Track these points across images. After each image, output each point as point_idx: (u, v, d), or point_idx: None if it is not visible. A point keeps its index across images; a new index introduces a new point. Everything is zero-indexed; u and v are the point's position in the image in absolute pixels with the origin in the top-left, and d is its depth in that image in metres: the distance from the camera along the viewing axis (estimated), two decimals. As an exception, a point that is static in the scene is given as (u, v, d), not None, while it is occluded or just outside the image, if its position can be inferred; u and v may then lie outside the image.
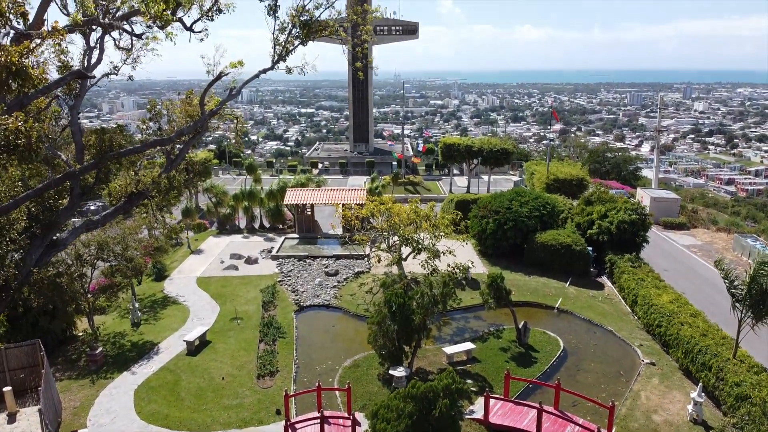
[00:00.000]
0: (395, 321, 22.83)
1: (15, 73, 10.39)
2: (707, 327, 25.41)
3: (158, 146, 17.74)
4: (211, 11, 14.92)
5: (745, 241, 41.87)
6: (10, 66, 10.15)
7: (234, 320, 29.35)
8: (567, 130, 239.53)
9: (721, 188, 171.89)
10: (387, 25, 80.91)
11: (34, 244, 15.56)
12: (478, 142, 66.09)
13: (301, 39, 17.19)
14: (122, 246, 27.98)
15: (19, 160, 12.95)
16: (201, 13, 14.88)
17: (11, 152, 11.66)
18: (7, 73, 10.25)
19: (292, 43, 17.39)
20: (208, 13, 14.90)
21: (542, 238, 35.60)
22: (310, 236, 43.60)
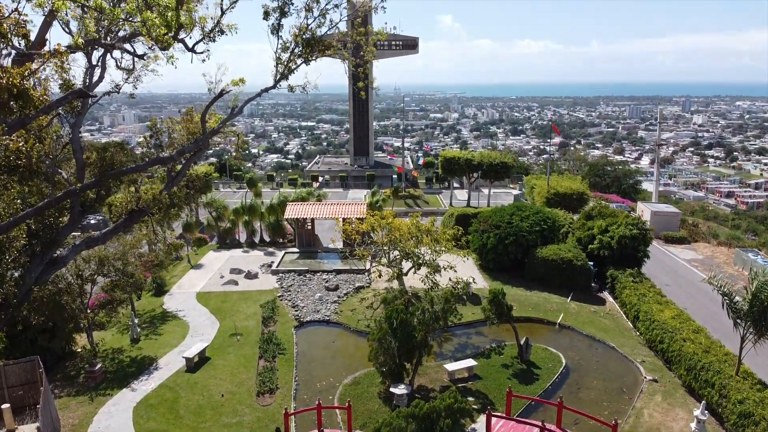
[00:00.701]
0: (396, 338, 22.71)
1: (16, 95, 10.44)
2: (709, 343, 25.27)
3: (159, 164, 17.75)
4: (213, 33, 14.99)
5: (746, 255, 41.78)
6: (11, 88, 10.20)
7: (233, 336, 29.20)
8: (567, 143, 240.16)
9: (721, 201, 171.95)
10: (387, 39, 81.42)
11: (34, 261, 15.51)
12: (478, 156, 66.24)
13: (304, 58, 17.28)
14: (122, 261, 27.90)
15: (19, 180, 12.96)
16: (203, 34, 14.96)
17: (12, 173, 11.67)
18: (8, 94, 10.29)
19: (295, 62, 17.48)
20: (210, 34, 14.97)
21: (543, 252, 35.53)
22: (311, 250, 43.52)
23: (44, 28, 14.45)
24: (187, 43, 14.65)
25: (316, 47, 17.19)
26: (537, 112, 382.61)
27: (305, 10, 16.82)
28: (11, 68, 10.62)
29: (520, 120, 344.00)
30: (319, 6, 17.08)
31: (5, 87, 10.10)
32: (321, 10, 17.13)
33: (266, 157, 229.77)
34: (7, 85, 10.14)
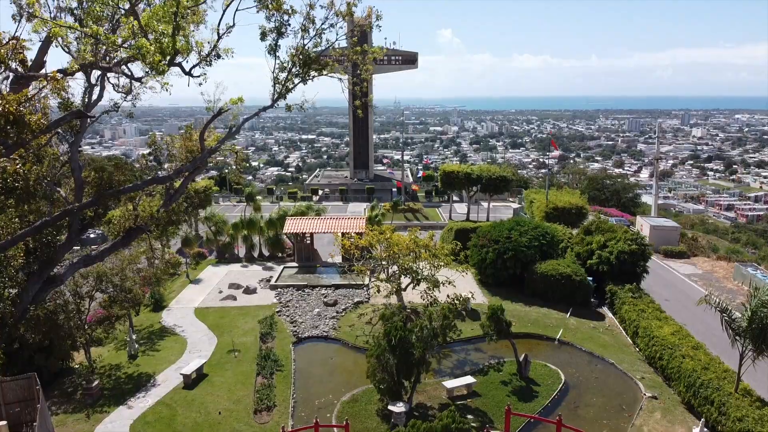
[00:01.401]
0: (394, 355, 22.63)
1: (13, 122, 10.52)
2: (709, 360, 25.19)
3: (157, 183, 17.81)
4: (209, 57, 15.13)
5: (745, 270, 41.75)
6: (8, 115, 10.29)
7: (231, 352, 29.09)
8: (566, 157, 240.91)
9: (721, 214, 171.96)
10: (387, 55, 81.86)
11: (32, 280, 15.52)
12: (477, 170, 66.39)
13: (301, 78, 17.42)
14: (120, 277, 27.89)
15: (17, 202, 13.00)
16: (200, 58, 15.11)
17: (9, 194, 11.72)
18: (5, 121, 10.38)
19: (292, 82, 17.63)
20: (206, 58, 15.12)
21: (542, 268, 35.50)
22: (310, 265, 43.49)
23: (43, 49, 14.61)
24: (183, 67, 14.79)
25: (313, 67, 17.34)
26: (536, 125, 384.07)
27: (302, 30, 17.00)
28: (7, 95, 10.71)
29: (519, 133, 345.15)
30: (315, 27, 17.26)
31: (1, 114, 10.19)
32: (317, 30, 17.30)
33: (266, 170, 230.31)
34: (3, 112, 10.23)
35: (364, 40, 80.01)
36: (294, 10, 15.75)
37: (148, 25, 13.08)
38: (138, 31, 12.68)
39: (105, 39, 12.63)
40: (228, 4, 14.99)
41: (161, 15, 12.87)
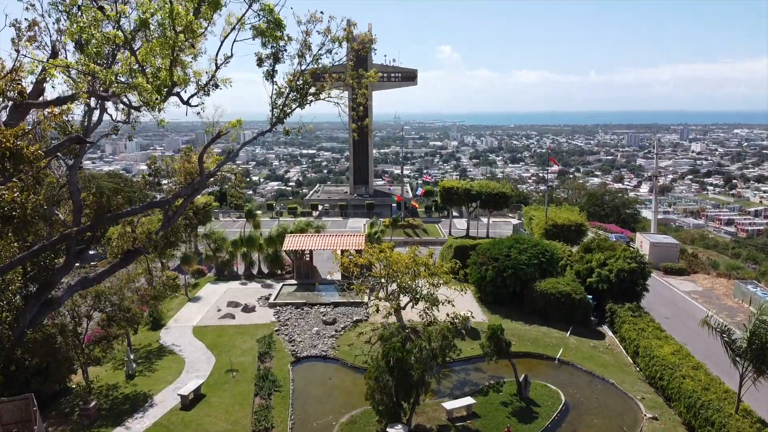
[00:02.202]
0: (393, 376, 22.49)
1: (10, 157, 10.58)
2: (709, 380, 25.05)
3: (156, 207, 17.85)
4: (207, 86, 15.25)
5: (745, 287, 41.67)
6: (4, 150, 10.35)
7: (229, 372, 28.92)
8: (566, 171, 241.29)
9: (721, 229, 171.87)
10: (387, 71, 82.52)
11: (29, 303, 15.48)
12: (477, 186, 66.49)
13: (299, 103, 17.54)
14: (119, 296, 27.81)
15: (13, 231, 13.01)
16: (198, 88, 15.23)
17: (6, 223, 11.74)
18: (2, 156, 10.43)
19: (290, 107, 17.75)
20: (204, 88, 15.23)
21: (542, 286, 35.41)
22: (309, 282, 43.39)
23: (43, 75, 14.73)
24: (182, 97, 14.89)
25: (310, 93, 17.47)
26: (536, 140, 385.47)
27: (298, 56, 17.15)
28: (5, 129, 10.78)
29: (518, 148, 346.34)
30: (312, 52, 17.43)
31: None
32: (314, 56, 17.46)
33: (267, 184, 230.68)
34: (1, 149, 10.29)
35: (362, 64, 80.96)
36: (290, 37, 15.93)
37: (146, 61, 13.22)
38: (135, 65, 12.81)
39: (102, 77, 12.74)
40: (226, 35, 15.16)
41: (158, 50, 13.02)
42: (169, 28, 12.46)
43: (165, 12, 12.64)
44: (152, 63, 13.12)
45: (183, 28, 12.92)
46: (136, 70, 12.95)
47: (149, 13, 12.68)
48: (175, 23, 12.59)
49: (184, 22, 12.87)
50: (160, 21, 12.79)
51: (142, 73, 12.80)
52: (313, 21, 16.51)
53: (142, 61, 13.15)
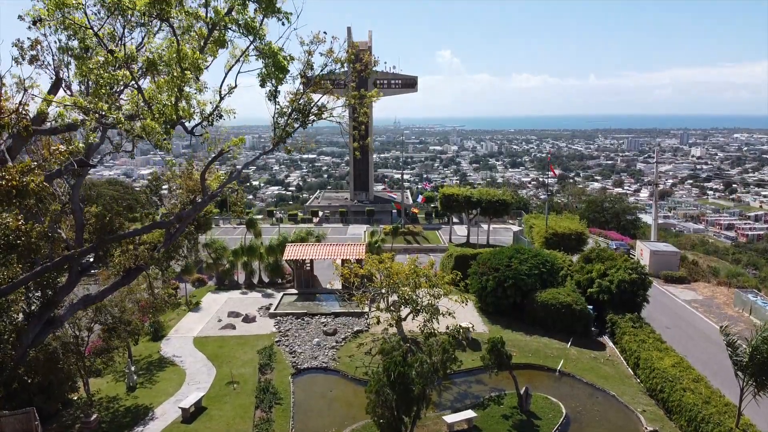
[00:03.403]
0: (394, 390, 22.46)
1: (16, 194, 10.64)
2: (710, 393, 25.08)
3: (159, 228, 17.92)
4: (211, 116, 15.31)
5: (746, 296, 41.71)
6: (11, 189, 10.41)
7: (230, 384, 28.91)
8: (566, 176, 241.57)
9: (721, 233, 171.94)
10: (387, 78, 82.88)
11: (32, 322, 15.51)
12: (477, 193, 66.58)
13: (301, 122, 17.65)
14: (120, 308, 27.81)
15: (18, 258, 13.08)
16: (202, 118, 15.30)
17: (11, 251, 11.79)
18: (8, 194, 10.49)
19: (292, 126, 17.85)
20: (208, 118, 15.30)
21: (542, 297, 35.42)
22: (309, 292, 43.40)
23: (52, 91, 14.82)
24: (185, 126, 14.98)
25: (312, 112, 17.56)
26: (536, 144, 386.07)
27: (300, 77, 17.25)
28: (10, 167, 10.85)
29: (518, 152, 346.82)
30: (313, 72, 17.52)
31: (5, 190, 10.33)
32: (316, 76, 17.54)
33: (267, 189, 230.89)
34: (7, 187, 10.36)
35: (363, 84, 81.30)
36: (292, 57, 15.99)
37: (152, 98, 13.32)
38: (141, 102, 12.92)
39: (110, 115, 12.82)
40: (230, 67, 15.27)
41: (165, 88, 13.14)
42: (176, 68, 12.57)
43: (172, 52, 12.76)
44: (158, 100, 13.22)
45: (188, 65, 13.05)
46: (143, 106, 13.06)
47: (157, 54, 12.80)
48: (182, 62, 12.76)
49: (189, 61, 13.01)
50: (167, 61, 12.91)
51: (148, 110, 12.93)
52: (316, 42, 16.64)
53: (149, 98, 13.27)
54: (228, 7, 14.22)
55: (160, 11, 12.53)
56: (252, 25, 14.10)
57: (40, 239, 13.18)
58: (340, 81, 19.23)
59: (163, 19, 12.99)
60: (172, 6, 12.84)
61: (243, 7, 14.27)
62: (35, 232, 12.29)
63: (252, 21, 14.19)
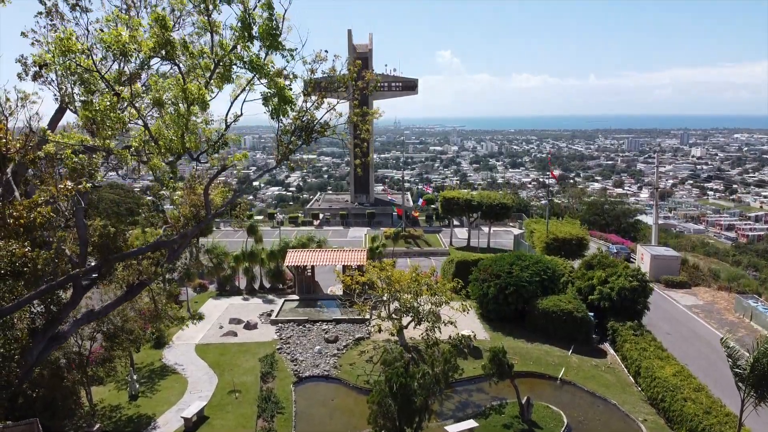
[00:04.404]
0: (396, 401, 22.53)
1: (25, 230, 10.70)
2: (711, 403, 25.14)
3: (163, 247, 18.02)
4: (217, 144, 15.40)
5: (746, 302, 41.79)
6: (20, 227, 10.47)
7: (232, 393, 28.97)
8: (566, 176, 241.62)
9: (721, 234, 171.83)
10: (387, 81, 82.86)
11: (36, 339, 15.59)
12: (478, 197, 66.65)
13: (304, 139, 17.71)
14: (122, 317, 27.82)
15: (25, 284, 13.16)
16: (207, 146, 15.38)
17: (18, 278, 11.86)
18: (17, 229, 10.55)
19: (295, 144, 17.94)
20: (214, 145, 15.38)
21: (543, 304, 35.47)
22: (310, 298, 43.45)
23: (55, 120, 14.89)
24: (192, 154, 15.05)
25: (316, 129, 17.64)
26: (536, 144, 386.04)
27: (303, 94, 17.33)
28: (18, 204, 10.90)
29: (519, 153, 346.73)
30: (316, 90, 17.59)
31: (13, 228, 10.40)
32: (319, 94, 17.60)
33: (267, 189, 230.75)
34: (14, 225, 10.43)
35: (365, 102, 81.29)
36: (295, 75, 16.08)
37: (159, 133, 13.41)
38: (148, 138, 13.01)
39: (117, 153, 12.92)
40: (235, 96, 15.34)
41: (171, 124, 13.25)
42: (183, 105, 12.67)
43: (178, 90, 12.86)
44: (165, 135, 13.32)
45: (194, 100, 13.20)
46: (149, 141, 13.15)
47: (162, 91, 12.89)
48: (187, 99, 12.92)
49: (195, 96, 13.14)
50: (173, 100, 13.01)
51: (155, 145, 13.04)
52: (318, 60, 16.71)
53: (156, 133, 13.36)
54: (233, 44, 14.34)
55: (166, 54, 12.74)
56: (257, 62, 14.22)
57: (47, 266, 13.27)
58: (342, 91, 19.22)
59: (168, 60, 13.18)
60: (177, 49, 13.00)
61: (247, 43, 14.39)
62: (41, 260, 12.36)
63: (257, 59, 14.34)
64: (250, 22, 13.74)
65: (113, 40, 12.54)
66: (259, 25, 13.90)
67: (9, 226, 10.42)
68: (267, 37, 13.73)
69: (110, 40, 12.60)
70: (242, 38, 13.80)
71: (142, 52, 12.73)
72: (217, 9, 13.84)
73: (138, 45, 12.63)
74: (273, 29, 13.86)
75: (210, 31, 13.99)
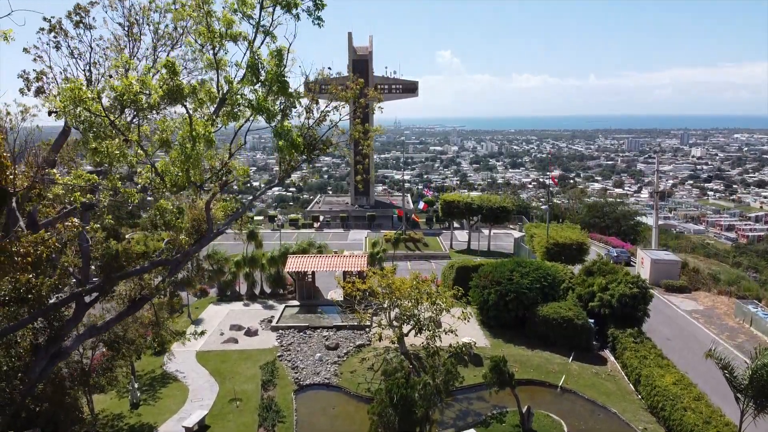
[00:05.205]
0: (397, 412, 22.61)
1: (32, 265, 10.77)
2: (710, 412, 25.21)
3: (165, 266, 18.10)
4: (220, 173, 15.45)
5: (746, 308, 41.88)
6: (27, 265, 10.55)
7: (233, 402, 29.04)
8: (566, 176, 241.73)
9: (721, 235, 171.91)
10: (388, 84, 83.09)
11: (39, 356, 15.67)
12: (478, 200, 66.78)
13: (305, 157, 17.77)
14: (123, 327, 27.85)
15: (29, 311, 13.22)
16: (212, 174, 15.46)
17: (22, 304, 11.92)
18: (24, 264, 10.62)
19: (297, 161, 18.01)
20: (218, 173, 15.45)
21: (544, 311, 35.52)
22: (311, 303, 43.50)
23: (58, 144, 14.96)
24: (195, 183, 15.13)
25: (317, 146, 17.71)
26: (536, 144, 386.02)
27: (306, 111, 17.40)
28: (24, 240, 10.97)
29: (519, 153, 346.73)
30: (319, 107, 17.69)
31: (21, 266, 10.46)
32: (321, 112, 17.71)
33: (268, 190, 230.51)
34: (22, 263, 10.50)
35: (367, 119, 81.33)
36: (298, 93, 16.13)
37: (165, 171, 13.50)
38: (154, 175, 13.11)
39: (124, 192, 13.03)
40: (240, 126, 15.44)
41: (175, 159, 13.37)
42: (189, 145, 12.78)
43: (185, 131, 12.97)
44: (171, 172, 13.41)
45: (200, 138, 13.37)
46: (155, 178, 13.24)
47: (170, 131, 13.02)
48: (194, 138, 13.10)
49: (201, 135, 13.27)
50: (180, 141, 13.11)
51: (161, 181, 13.14)
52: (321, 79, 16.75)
53: (162, 171, 13.46)
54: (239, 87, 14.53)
55: (174, 99, 12.98)
56: (263, 106, 14.35)
57: (51, 291, 13.32)
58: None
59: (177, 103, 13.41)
60: (185, 96, 13.21)
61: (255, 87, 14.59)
62: (46, 287, 12.43)
63: (263, 101, 14.51)
64: (258, 67, 13.94)
65: (125, 90, 12.81)
66: (267, 71, 14.09)
67: (17, 264, 10.49)
68: (275, 82, 13.85)
69: (122, 89, 12.86)
70: (249, 82, 13.92)
71: (152, 99, 12.87)
72: (223, 48, 13.98)
73: (148, 90, 12.77)
74: (281, 75, 14.05)
75: (216, 68, 14.09)
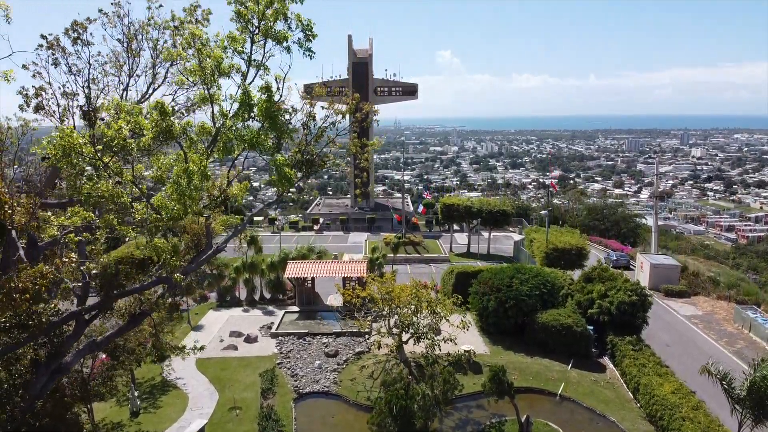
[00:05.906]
0: (396, 423, 22.70)
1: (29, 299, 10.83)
2: (709, 422, 25.29)
3: (164, 283, 18.14)
4: (218, 199, 15.56)
5: (745, 313, 41.94)
6: (24, 302, 10.60)
7: (232, 410, 29.09)
8: (566, 177, 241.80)
9: (721, 235, 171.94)
10: (387, 86, 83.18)
11: (39, 372, 15.73)
12: (478, 203, 66.86)
13: (304, 173, 17.84)
14: (123, 337, 27.86)
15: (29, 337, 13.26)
16: (209, 200, 15.54)
17: (23, 330, 11.96)
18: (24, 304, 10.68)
19: (295, 176, 18.03)
20: (216, 200, 15.52)
21: (543, 318, 35.56)
22: (311, 309, 43.54)
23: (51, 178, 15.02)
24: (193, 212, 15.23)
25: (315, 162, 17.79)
26: (536, 145, 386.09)
27: (303, 127, 17.46)
28: (23, 276, 11.03)
29: (519, 153, 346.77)
30: (315, 123, 17.76)
31: (19, 302, 10.52)
32: (318, 129, 17.78)
33: (267, 190, 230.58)
34: (20, 300, 10.55)
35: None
36: (295, 109, 16.21)
37: (161, 206, 13.59)
38: (151, 211, 13.17)
39: (120, 229, 13.11)
40: (236, 155, 15.50)
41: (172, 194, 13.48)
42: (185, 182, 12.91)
43: (179, 168, 13.05)
44: (168, 207, 13.47)
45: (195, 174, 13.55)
46: (152, 213, 13.30)
47: (164, 169, 13.08)
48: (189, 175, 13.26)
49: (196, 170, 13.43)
50: (175, 178, 13.20)
51: (158, 217, 13.22)
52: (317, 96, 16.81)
53: (158, 206, 13.52)
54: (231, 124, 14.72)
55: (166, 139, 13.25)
56: (257, 141, 14.49)
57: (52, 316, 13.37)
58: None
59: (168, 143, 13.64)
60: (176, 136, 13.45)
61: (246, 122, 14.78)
62: (46, 314, 12.48)
63: (256, 137, 14.71)
64: (250, 103, 14.14)
65: (114, 135, 13.07)
66: (258, 107, 14.31)
67: (15, 302, 10.57)
68: (266, 118, 13.95)
69: (112, 134, 13.12)
70: (241, 118, 14.04)
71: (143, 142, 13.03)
72: (216, 84, 14.08)
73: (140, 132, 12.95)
74: (272, 110, 14.24)
75: (210, 102, 14.17)
